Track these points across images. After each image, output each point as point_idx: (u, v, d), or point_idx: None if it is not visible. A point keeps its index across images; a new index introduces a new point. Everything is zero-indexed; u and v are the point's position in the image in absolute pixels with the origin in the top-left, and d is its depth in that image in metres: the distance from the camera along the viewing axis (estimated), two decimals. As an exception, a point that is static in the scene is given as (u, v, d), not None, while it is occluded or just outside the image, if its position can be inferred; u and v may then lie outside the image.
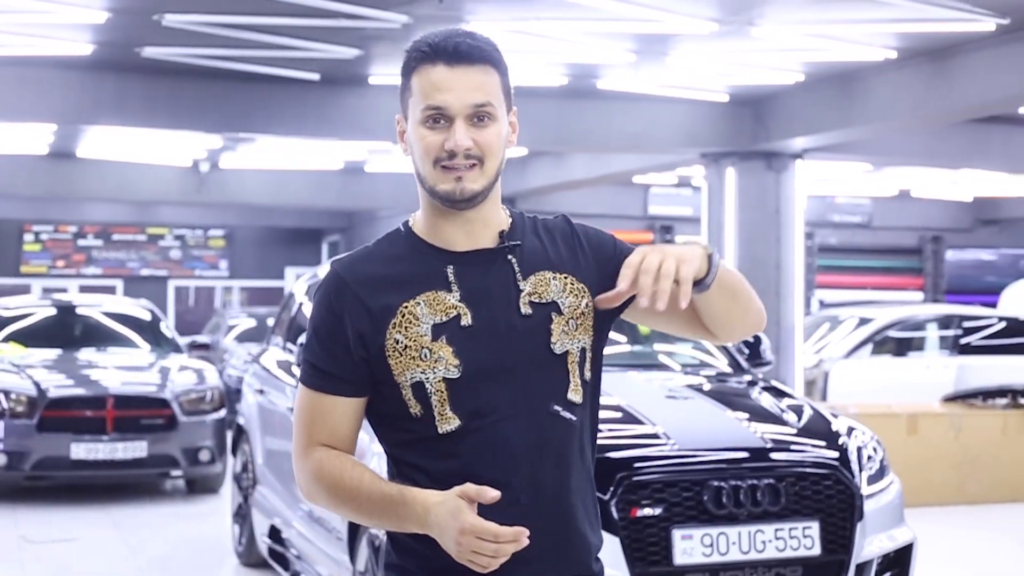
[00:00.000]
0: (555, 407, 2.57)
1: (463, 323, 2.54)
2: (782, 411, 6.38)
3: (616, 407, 6.11)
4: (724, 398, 6.61)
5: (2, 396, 11.17)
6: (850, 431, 6.25)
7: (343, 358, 2.57)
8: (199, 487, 12.09)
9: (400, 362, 2.54)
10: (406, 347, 2.53)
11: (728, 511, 5.55)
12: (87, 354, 12.63)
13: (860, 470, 5.99)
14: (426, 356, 2.53)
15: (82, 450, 11.09)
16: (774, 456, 5.83)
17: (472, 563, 2.40)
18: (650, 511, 5.47)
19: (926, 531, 6.34)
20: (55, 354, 12.52)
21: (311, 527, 7.20)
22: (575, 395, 2.60)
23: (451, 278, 2.57)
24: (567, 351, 2.59)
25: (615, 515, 5.40)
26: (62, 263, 27.53)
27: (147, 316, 13.72)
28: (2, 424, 11.09)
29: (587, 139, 15.32)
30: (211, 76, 13.50)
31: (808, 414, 6.39)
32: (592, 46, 12.00)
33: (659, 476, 5.56)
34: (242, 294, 29.31)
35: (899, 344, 15.95)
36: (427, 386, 2.53)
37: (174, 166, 21.36)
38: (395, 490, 2.50)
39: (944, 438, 11.41)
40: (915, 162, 18.47)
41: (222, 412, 11.83)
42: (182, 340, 13.91)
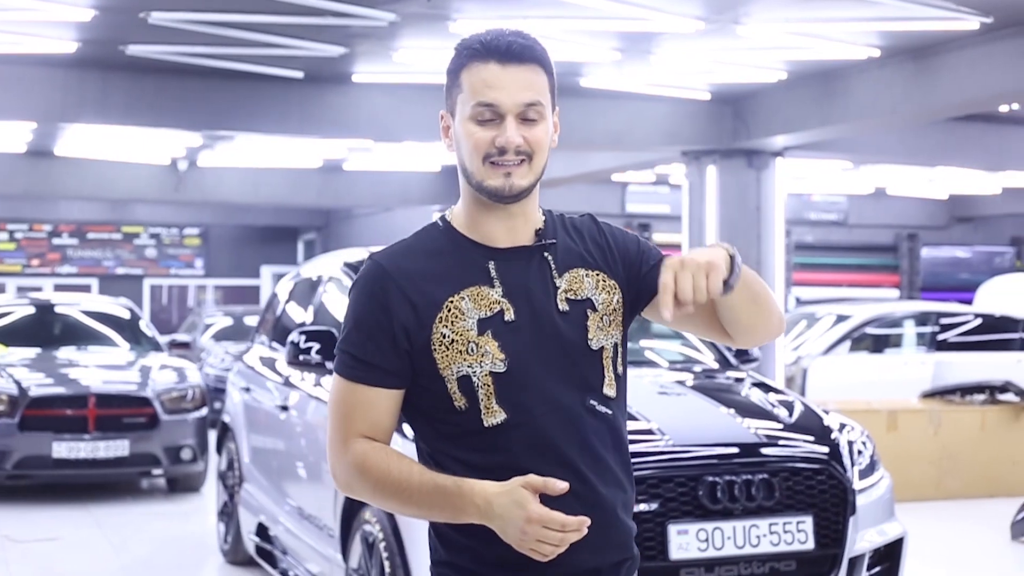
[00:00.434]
0: (591, 401, 2.62)
1: (507, 318, 2.58)
2: (773, 406, 6.41)
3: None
4: (715, 394, 6.63)
5: (-17, 395, 11.14)
6: (841, 427, 6.28)
7: (387, 349, 2.58)
8: (180, 486, 12.06)
9: (446, 356, 2.56)
10: (453, 341, 2.56)
11: (723, 506, 5.58)
12: (67, 353, 12.58)
13: (852, 465, 6.02)
14: (473, 350, 2.56)
15: (64, 449, 11.05)
16: (768, 451, 5.86)
17: (534, 552, 2.43)
18: (646, 506, 5.49)
19: (906, 526, 6.37)
20: (35, 353, 12.46)
21: (300, 524, 7.19)
22: (610, 389, 2.66)
23: (493, 273, 2.61)
24: (602, 347, 2.65)
25: (611, 511, 5.41)
26: (37, 262, 27.43)
27: (126, 315, 13.68)
28: (-16, 423, 11.06)
29: (569, 137, 15.28)
30: (195, 74, 13.46)
31: (799, 410, 6.42)
32: (578, 44, 12.01)
33: (654, 472, 5.58)
34: (217, 292, 29.24)
35: (877, 341, 16.01)
36: (474, 379, 2.56)
37: (152, 164, 21.27)
38: (450, 482, 2.51)
39: (923, 434, 11.48)
40: (893, 160, 18.56)
41: (204, 410, 11.80)
42: (162, 339, 13.87)
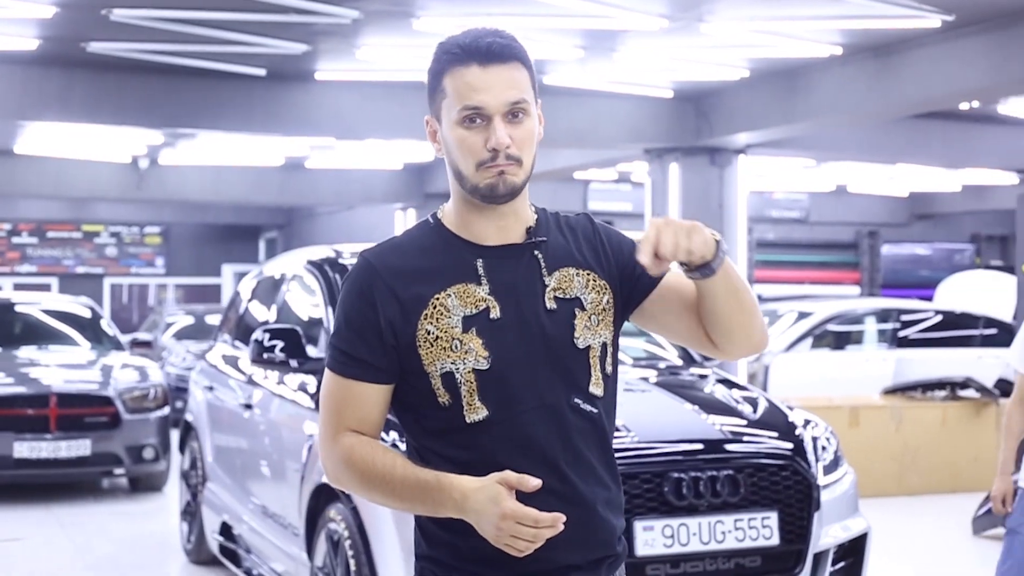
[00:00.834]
0: (576, 400, 2.63)
1: (492, 316, 2.60)
2: (737, 403, 6.43)
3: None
4: (680, 391, 6.64)
5: (-56, 395, 11.05)
6: (806, 423, 6.31)
7: (375, 345, 2.61)
8: (143, 485, 12.00)
9: (431, 352, 2.59)
10: (437, 338, 2.58)
11: (688, 502, 5.59)
12: (28, 352, 12.48)
13: (816, 461, 6.05)
14: (456, 347, 2.58)
15: (25, 449, 10.97)
16: (733, 447, 5.88)
17: (509, 547, 2.45)
18: (611, 503, 5.49)
19: (870, 522, 6.41)
20: (-6, 352, 12.38)
21: (264, 523, 7.17)
22: (596, 388, 2.67)
23: (481, 271, 2.62)
24: (589, 346, 2.66)
25: (577, 507, 5.41)
26: (-5, 261, 27.27)
27: (87, 313, 13.59)
28: (-56, 423, 10.96)
29: (531, 135, 15.33)
30: (157, 71, 13.40)
31: (763, 406, 6.45)
32: (541, 42, 12.02)
33: (620, 468, 5.49)
34: (178, 291, 29.12)
35: (838, 338, 16.09)
36: (457, 376, 2.58)
37: (113, 162, 21.15)
38: (430, 476, 2.54)
39: (885, 430, 11.55)
40: (855, 157, 18.67)
41: (166, 409, 11.75)
42: (123, 338, 13.80)
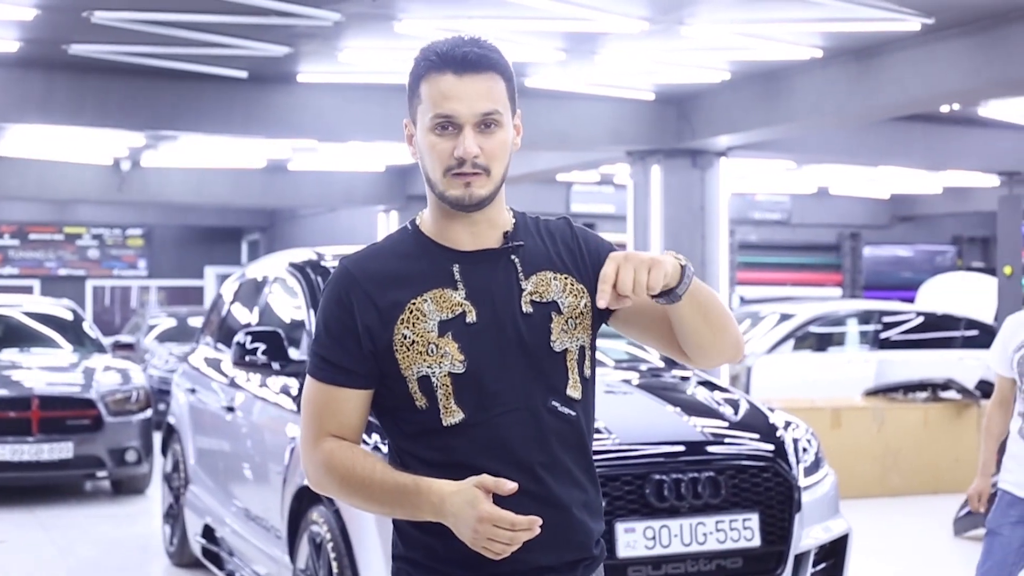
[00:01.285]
0: (553, 403, 2.66)
1: (468, 320, 2.63)
2: (719, 405, 6.45)
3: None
4: (661, 392, 6.65)
5: (-75, 398, 11.02)
6: (787, 424, 6.33)
7: (354, 351, 2.64)
8: (125, 488, 11.98)
9: (407, 356, 2.62)
10: (413, 342, 2.61)
11: (670, 504, 5.60)
12: (9, 355, 12.45)
13: (797, 462, 6.07)
14: (432, 351, 2.61)
15: (7, 451, 10.96)
16: (714, 449, 5.90)
17: (486, 550, 2.48)
18: (593, 505, 5.50)
19: (851, 523, 6.44)
20: (-24, 355, 12.35)
21: (247, 525, 7.17)
22: (574, 391, 2.69)
23: (457, 276, 2.65)
24: (566, 349, 2.68)
25: (558, 509, 5.42)
26: (-23, 263, 27.19)
27: (69, 316, 13.57)
28: (-74, 426, 10.94)
29: (514, 137, 15.35)
30: (139, 74, 13.37)
31: (745, 408, 6.47)
32: (522, 44, 12.03)
33: (601, 470, 5.48)
34: (160, 294, 29.06)
35: (820, 339, 16.14)
36: (433, 380, 2.61)
37: (95, 165, 21.09)
38: (409, 480, 2.57)
39: (867, 431, 11.59)
40: (836, 159, 18.71)
41: (148, 412, 11.74)
42: (105, 340, 13.77)
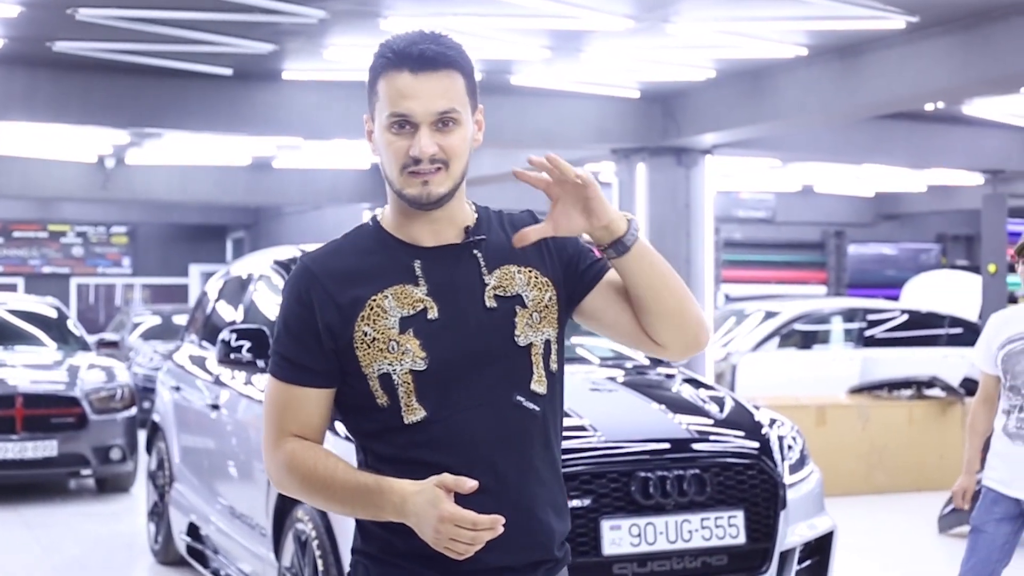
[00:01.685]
0: (518, 398, 2.63)
1: (430, 316, 2.60)
2: (704, 402, 6.45)
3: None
4: (647, 390, 6.66)
5: (-91, 395, 10.98)
6: (772, 422, 6.34)
7: (314, 349, 2.61)
8: (110, 486, 11.97)
9: (368, 354, 2.59)
10: (374, 339, 2.58)
11: (655, 501, 5.61)
12: (-7, 352, 12.44)
13: (782, 460, 6.08)
14: (393, 348, 2.58)
15: (-9, 450, 10.94)
16: (699, 447, 5.90)
17: (449, 550, 2.46)
18: (579, 502, 5.51)
19: (836, 520, 6.45)
20: (-39, 353, 12.31)
21: (232, 523, 7.16)
22: (539, 386, 2.65)
23: (418, 272, 2.62)
24: (531, 343, 2.65)
25: (544, 506, 5.43)
26: (-39, 261, 27.11)
27: (54, 314, 13.53)
28: (-91, 424, 10.90)
29: (499, 135, 15.32)
30: (123, 71, 13.33)
31: (730, 405, 6.47)
32: (508, 42, 12.03)
33: (587, 467, 5.60)
34: (144, 291, 29.01)
35: (805, 337, 16.17)
36: (394, 377, 2.58)
37: (79, 162, 21.05)
38: (371, 480, 2.55)
39: (852, 429, 11.61)
40: (821, 158, 18.74)
41: (133, 410, 11.72)
42: (90, 338, 13.74)
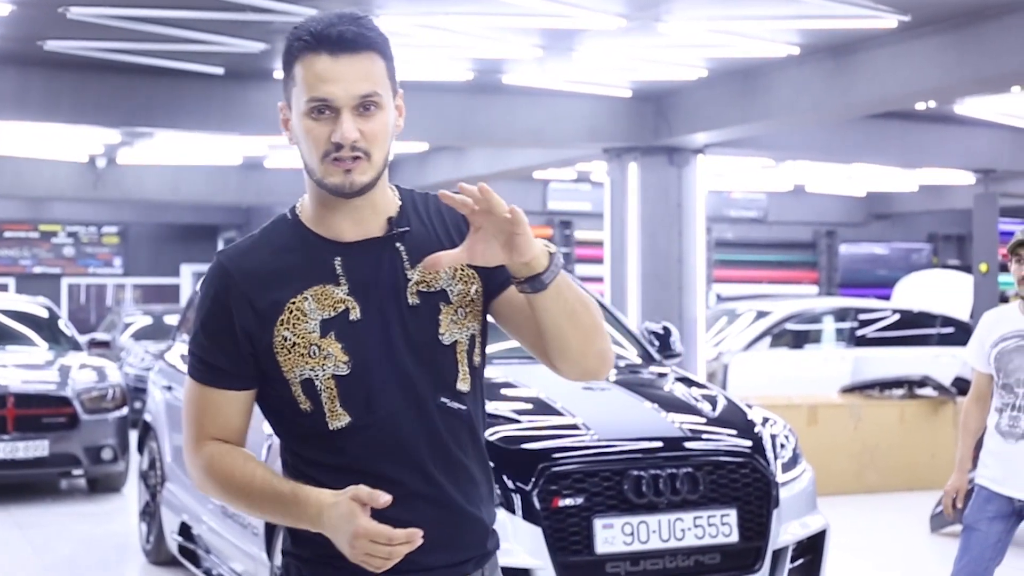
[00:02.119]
0: (443, 399, 2.55)
1: (352, 318, 2.50)
2: (697, 401, 6.46)
3: (534, 399, 6.17)
4: (640, 389, 6.67)
5: (-101, 395, 10.94)
6: (764, 420, 6.34)
7: (231, 352, 2.52)
8: (101, 486, 11.93)
9: (289, 359, 2.50)
10: (295, 344, 2.49)
11: (648, 500, 5.61)
12: (-16, 352, 12.40)
13: (775, 458, 6.08)
14: (315, 353, 2.49)
15: (-18, 450, 10.91)
16: (692, 445, 5.91)
17: (366, 563, 2.39)
18: (571, 501, 5.51)
19: (828, 519, 6.45)
20: (-49, 353, 12.27)
21: (224, 523, 7.14)
22: (463, 384, 2.58)
23: (339, 271, 2.52)
24: (456, 341, 2.56)
25: (537, 505, 5.44)
26: (-48, 261, 27.04)
27: (45, 314, 13.49)
28: (-100, 424, 10.86)
29: (491, 134, 15.35)
30: (115, 70, 13.31)
31: (723, 404, 6.48)
32: (500, 41, 12.03)
33: (580, 466, 5.60)
34: (136, 291, 28.96)
35: (796, 337, 16.18)
36: (317, 383, 2.49)
37: (70, 162, 21.02)
38: (287, 488, 2.47)
39: (843, 428, 11.61)
40: (812, 157, 18.76)
41: (124, 410, 11.68)
42: (81, 338, 13.71)
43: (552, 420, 5.96)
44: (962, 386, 11.85)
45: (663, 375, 7.15)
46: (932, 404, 12.00)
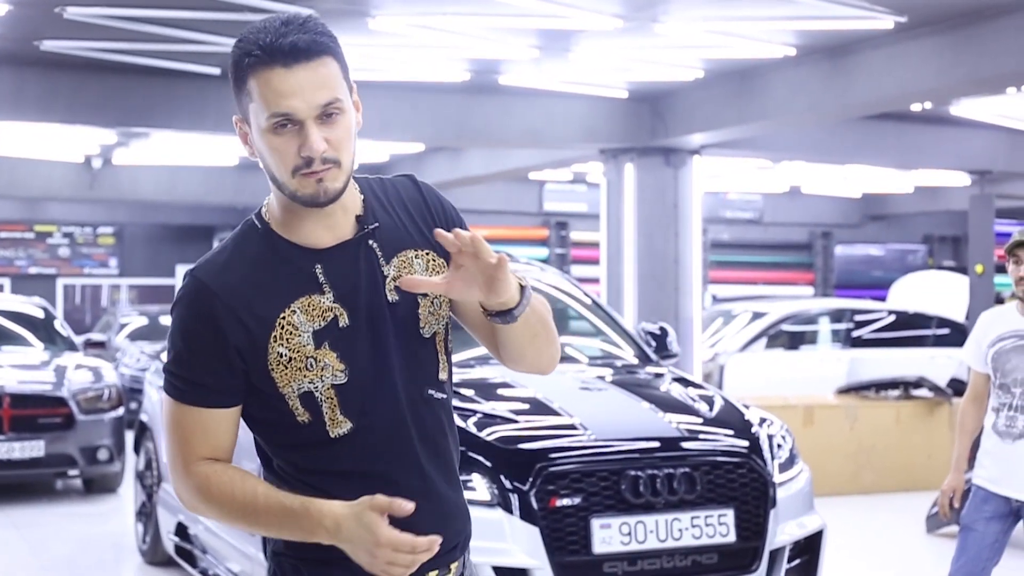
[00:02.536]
0: (430, 391, 2.57)
1: (341, 324, 2.48)
2: (693, 401, 6.46)
3: (531, 399, 6.16)
4: (637, 389, 6.66)
5: None
6: (761, 421, 6.34)
7: (218, 369, 2.47)
8: (97, 486, 11.93)
9: (286, 374, 2.47)
10: (291, 359, 2.46)
11: (645, 500, 5.61)
12: (-21, 353, 12.39)
13: (772, 458, 6.08)
14: (312, 366, 2.46)
15: (-22, 450, 10.90)
16: (689, 445, 5.91)
17: (386, 572, 2.39)
18: (569, 501, 5.51)
19: (825, 520, 6.45)
20: (-53, 353, 12.26)
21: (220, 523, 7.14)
22: (443, 373, 2.61)
23: (322, 279, 2.49)
24: (435, 332, 2.58)
25: (534, 505, 5.44)
26: (-53, 262, 26.99)
27: (41, 314, 13.48)
28: None
29: (487, 134, 15.35)
30: (111, 70, 13.31)
31: (719, 404, 6.47)
32: (496, 41, 12.02)
33: (577, 466, 5.60)
34: (131, 292, 28.93)
35: (792, 338, 16.20)
36: (317, 395, 2.47)
37: (66, 162, 21.01)
38: (297, 503, 2.43)
39: (839, 429, 11.62)
40: (808, 158, 18.75)
41: (120, 410, 11.68)
42: (77, 338, 13.70)
43: (549, 420, 5.96)
44: (958, 387, 11.87)
45: (660, 375, 7.15)
46: (928, 405, 12.01)
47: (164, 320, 18.91)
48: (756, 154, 17.97)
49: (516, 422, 5.91)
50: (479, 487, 5.45)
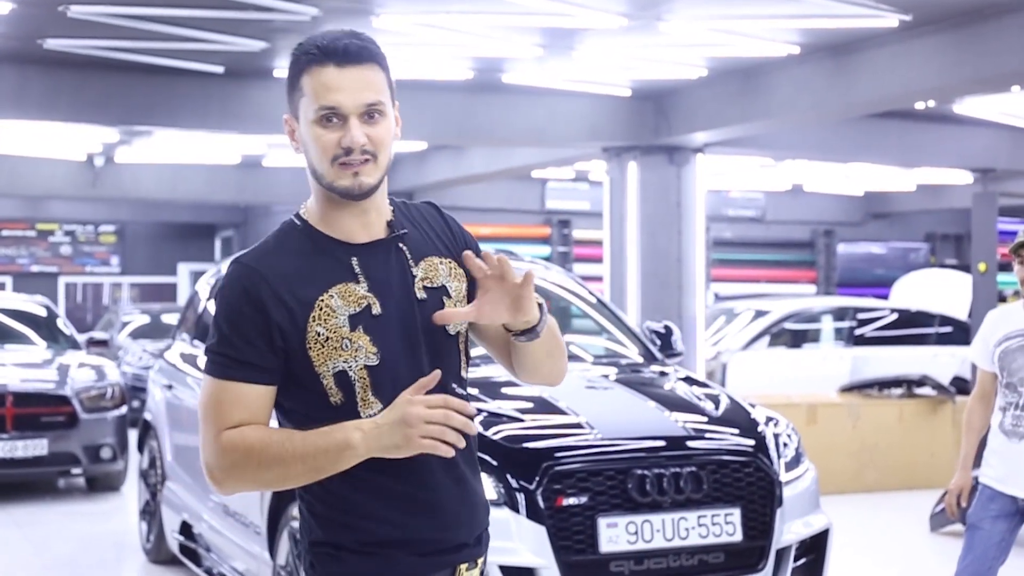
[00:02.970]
0: (453, 385, 2.74)
1: (374, 312, 2.66)
2: (699, 400, 6.45)
3: (537, 398, 6.15)
4: (643, 388, 6.66)
5: (-102, 394, 10.93)
6: (767, 420, 6.34)
7: (262, 347, 2.63)
8: (100, 485, 11.93)
9: (322, 353, 2.63)
10: (328, 339, 2.63)
11: (652, 499, 5.60)
12: (-17, 351, 12.38)
13: (778, 457, 6.07)
14: (347, 346, 2.63)
15: (-19, 449, 10.90)
16: (695, 444, 5.90)
17: (425, 435, 2.49)
18: (575, 500, 5.50)
19: (830, 518, 6.44)
20: (-50, 352, 12.26)
21: (225, 521, 7.14)
22: (465, 372, 2.82)
23: (357, 269, 2.68)
24: (458, 331, 2.78)
25: (541, 504, 5.43)
26: (-51, 260, 27.01)
27: (43, 312, 13.48)
28: (-101, 423, 10.85)
29: (490, 133, 15.35)
30: (114, 68, 13.30)
31: (725, 403, 6.47)
32: (500, 40, 12.02)
33: (584, 465, 5.59)
34: (133, 290, 28.94)
35: (795, 336, 16.19)
36: (351, 374, 2.63)
37: (68, 160, 21.00)
38: (325, 428, 2.56)
39: (842, 427, 11.62)
40: (811, 156, 18.76)
41: (123, 409, 11.68)
42: (80, 337, 13.70)
43: (556, 419, 5.96)
44: (961, 385, 11.88)
45: (665, 374, 7.14)
46: (931, 403, 12.00)
47: (166, 318, 18.89)
48: (759, 152, 17.96)
49: (522, 421, 5.90)
50: (485, 486, 5.43)
